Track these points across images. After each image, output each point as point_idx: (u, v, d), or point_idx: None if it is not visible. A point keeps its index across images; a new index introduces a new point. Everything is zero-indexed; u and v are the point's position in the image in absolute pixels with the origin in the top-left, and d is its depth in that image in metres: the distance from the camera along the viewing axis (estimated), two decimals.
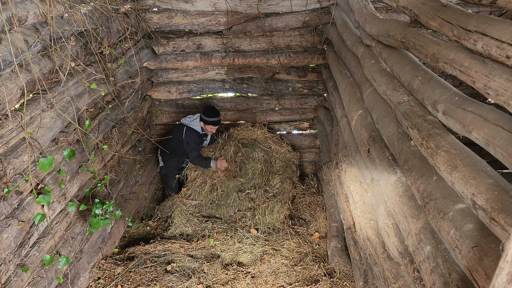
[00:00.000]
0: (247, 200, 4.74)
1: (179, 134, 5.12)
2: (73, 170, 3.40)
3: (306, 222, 4.68)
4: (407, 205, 2.21)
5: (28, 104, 2.80)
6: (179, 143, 5.12)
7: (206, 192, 4.87)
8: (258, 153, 5.08)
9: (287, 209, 4.70)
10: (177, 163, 5.26)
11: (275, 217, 4.56)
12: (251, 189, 4.81)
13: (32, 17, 2.83)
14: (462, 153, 1.72)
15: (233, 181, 4.89)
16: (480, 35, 1.59)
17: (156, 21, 4.99)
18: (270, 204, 4.63)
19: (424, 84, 2.17)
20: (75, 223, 3.51)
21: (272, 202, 4.66)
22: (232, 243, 4.29)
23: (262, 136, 5.32)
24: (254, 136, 5.32)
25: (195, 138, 5.11)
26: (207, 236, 4.43)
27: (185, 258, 4.05)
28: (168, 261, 4.02)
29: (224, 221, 4.65)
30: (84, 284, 3.60)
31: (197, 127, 5.14)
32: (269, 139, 5.33)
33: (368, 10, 3.26)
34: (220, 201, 4.82)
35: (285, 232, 4.43)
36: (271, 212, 4.57)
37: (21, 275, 2.75)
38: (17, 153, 2.65)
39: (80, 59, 3.39)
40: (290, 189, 4.92)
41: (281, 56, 5.27)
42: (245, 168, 4.99)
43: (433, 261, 1.84)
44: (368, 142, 2.92)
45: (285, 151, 5.30)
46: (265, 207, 4.59)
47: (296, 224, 4.65)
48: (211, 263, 3.98)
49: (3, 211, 2.56)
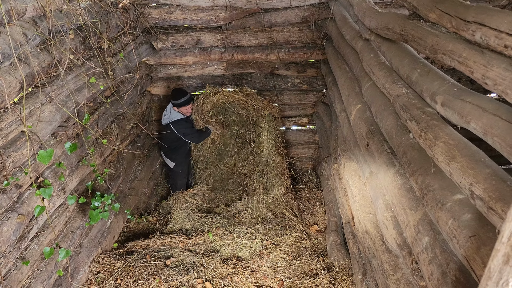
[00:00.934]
0: (241, 185, 4.91)
1: (171, 134, 5.07)
2: (73, 164, 3.41)
3: (305, 217, 4.69)
4: (405, 197, 2.22)
5: (27, 97, 2.80)
6: (177, 140, 5.12)
7: (209, 146, 5.29)
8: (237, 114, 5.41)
9: (286, 183, 4.85)
10: (186, 154, 5.32)
11: (277, 192, 4.70)
12: (241, 163, 5.15)
13: (31, 10, 2.83)
14: (461, 143, 1.73)
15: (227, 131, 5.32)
16: (478, 25, 1.60)
17: (155, 16, 4.99)
18: (267, 182, 4.82)
19: (422, 76, 2.18)
20: (75, 217, 3.52)
21: (268, 180, 4.84)
22: (231, 237, 4.29)
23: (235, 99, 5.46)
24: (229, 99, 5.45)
25: (185, 124, 5.06)
26: (207, 231, 4.43)
27: (184, 253, 4.06)
28: (168, 255, 4.03)
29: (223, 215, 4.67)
30: (84, 278, 3.61)
31: (178, 115, 5.05)
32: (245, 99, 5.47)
33: (367, 4, 3.26)
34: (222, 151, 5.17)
35: (288, 218, 4.48)
36: (271, 187, 4.66)
37: (20, 268, 2.75)
38: (16, 146, 2.65)
39: (79, 53, 3.39)
40: (281, 161, 5.09)
41: (280, 51, 5.27)
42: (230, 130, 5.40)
43: (431, 251, 1.85)
44: (367, 135, 2.93)
45: (265, 106, 5.41)
46: (263, 187, 4.72)
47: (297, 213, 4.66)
48: (210, 257, 3.99)
49: (2, 204, 2.56)
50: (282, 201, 4.64)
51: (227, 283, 3.65)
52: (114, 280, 3.62)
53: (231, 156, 5.34)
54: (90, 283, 3.60)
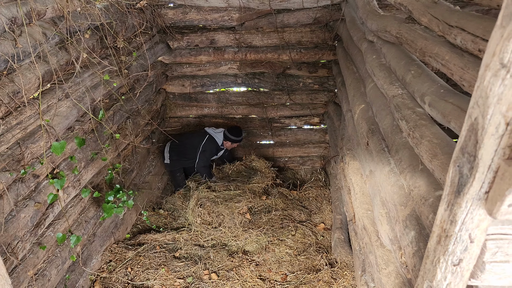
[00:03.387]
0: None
1: (199, 140, 5.38)
2: (88, 157, 3.59)
3: (312, 214, 4.78)
4: (397, 193, 2.30)
5: (45, 93, 2.99)
6: (194, 148, 5.38)
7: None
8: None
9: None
10: (182, 165, 5.54)
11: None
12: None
13: (51, 11, 3.01)
14: (443, 142, 1.81)
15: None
16: (459, 30, 1.68)
17: (171, 16, 5.15)
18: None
19: (415, 77, 2.26)
20: (89, 208, 3.70)
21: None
22: (239, 233, 4.42)
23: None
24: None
25: (212, 149, 5.42)
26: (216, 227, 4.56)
27: (192, 246, 4.21)
28: (177, 248, 4.19)
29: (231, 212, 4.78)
30: (96, 266, 3.79)
31: (219, 140, 5.43)
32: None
33: (371, 7, 3.34)
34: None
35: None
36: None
37: (37, 253, 2.94)
38: (35, 138, 2.84)
39: (95, 52, 3.57)
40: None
41: (292, 52, 5.37)
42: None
43: (415, 245, 1.94)
44: (367, 134, 3.01)
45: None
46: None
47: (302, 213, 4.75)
48: (217, 251, 4.13)
49: (21, 192, 2.75)
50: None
51: (233, 275, 3.79)
52: (124, 269, 3.80)
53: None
54: (102, 270, 3.78)
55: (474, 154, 0.86)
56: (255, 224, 4.56)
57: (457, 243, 0.95)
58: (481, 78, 0.81)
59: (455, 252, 0.96)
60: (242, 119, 5.97)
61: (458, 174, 0.94)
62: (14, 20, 2.55)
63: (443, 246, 0.96)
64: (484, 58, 0.80)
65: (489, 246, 1.01)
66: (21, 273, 2.72)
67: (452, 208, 0.95)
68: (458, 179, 0.94)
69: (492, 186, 0.87)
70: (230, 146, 5.52)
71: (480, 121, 0.82)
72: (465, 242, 0.94)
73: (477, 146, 0.85)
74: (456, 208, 0.94)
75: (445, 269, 1.00)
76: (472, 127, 0.86)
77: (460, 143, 0.92)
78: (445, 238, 0.97)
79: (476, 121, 0.84)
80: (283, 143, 6.07)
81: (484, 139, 0.82)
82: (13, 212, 2.65)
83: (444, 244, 0.97)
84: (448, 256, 0.97)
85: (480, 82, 0.83)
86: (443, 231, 0.96)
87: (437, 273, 1.02)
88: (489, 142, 0.81)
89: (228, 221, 4.57)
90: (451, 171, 0.99)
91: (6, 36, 2.49)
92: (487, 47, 0.78)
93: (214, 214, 4.64)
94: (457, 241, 0.95)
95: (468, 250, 0.95)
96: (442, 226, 0.96)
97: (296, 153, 6.05)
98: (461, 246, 0.95)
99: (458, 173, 0.94)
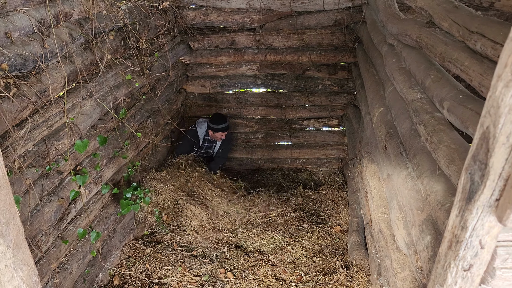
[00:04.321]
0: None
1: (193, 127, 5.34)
2: (109, 155, 3.68)
3: (329, 216, 4.78)
4: (414, 198, 2.30)
5: (70, 92, 3.09)
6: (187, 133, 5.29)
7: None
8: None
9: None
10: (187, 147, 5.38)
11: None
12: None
13: (77, 13, 3.11)
14: (461, 148, 1.81)
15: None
16: (479, 36, 1.68)
17: (193, 17, 5.23)
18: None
19: (435, 82, 2.25)
20: (109, 204, 3.80)
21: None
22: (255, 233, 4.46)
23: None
24: None
25: (191, 136, 5.23)
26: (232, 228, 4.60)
27: (209, 246, 4.26)
28: (193, 247, 4.25)
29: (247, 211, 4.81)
30: (116, 261, 3.89)
31: (201, 130, 5.31)
32: None
33: (392, 10, 3.33)
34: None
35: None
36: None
37: (59, 247, 3.04)
38: (59, 136, 2.94)
39: (119, 52, 3.66)
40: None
41: (312, 53, 5.38)
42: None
43: (431, 250, 1.94)
44: (386, 138, 3.01)
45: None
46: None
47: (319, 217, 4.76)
48: (234, 250, 4.18)
49: (45, 188, 2.85)
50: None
51: (248, 274, 3.83)
52: (143, 265, 3.89)
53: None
54: (121, 266, 3.88)
55: (485, 162, 0.88)
56: (272, 225, 4.59)
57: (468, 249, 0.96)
58: (493, 88, 0.83)
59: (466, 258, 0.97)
60: (260, 119, 6.01)
61: (469, 181, 0.95)
62: (42, 21, 2.64)
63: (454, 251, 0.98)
64: (497, 69, 0.81)
65: (500, 253, 1.02)
66: (44, 266, 2.82)
67: (463, 214, 0.97)
68: (470, 186, 0.95)
69: (502, 194, 0.88)
70: (213, 136, 5.29)
71: (491, 130, 0.84)
72: (476, 248, 0.96)
73: (488, 154, 0.86)
74: (467, 214, 0.95)
75: (456, 274, 1.01)
76: (484, 135, 0.87)
77: (472, 150, 0.93)
78: (456, 244, 0.98)
79: (488, 130, 0.85)
80: (301, 144, 6.08)
81: (495, 148, 0.84)
82: (38, 206, 2.75)
83: (455, 249, 0.98)
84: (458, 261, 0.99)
85: (492, 92, 0.84)
86: (454, 237, 0.97)
87: (447, 278, 1.04)
88: (500, 151, 0.83)
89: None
90: (463, 177, 1.00)
91: (35, 37, 2.59)
92: (500, 58, 0.79)
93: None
94: (467, 247, 0.96)
95: (478, 255, 0.97)
96: (453, 231, 0.97)
97: (314, 155, 6.05)
98: (471, 252, 0.96)
99: (470, 180, 0.95)
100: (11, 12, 2.42)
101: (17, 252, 1.42)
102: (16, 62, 2.38)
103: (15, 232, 1.39)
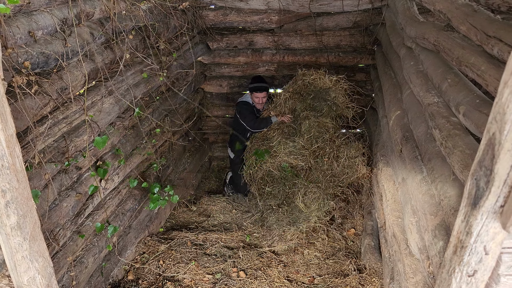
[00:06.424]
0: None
1: (234, 116, 5.25)
2: (127, 152, 3.75)
3: (344, 219, 4.76)
4: (428, 202, 2.28)
5: (90, 90, 3.16)
6: (237, 121, 5.20)
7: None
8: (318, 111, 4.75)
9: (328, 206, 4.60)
10: (240, 141, 5.25)
11: (313, 213, 4.55)
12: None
13: (98, 12, 3.18)
14: (476, 153, 1.79)
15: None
16: (497, 40, 1.66)
17: (212, 18, 5.28)
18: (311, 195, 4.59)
19: (452, 86, 2.23)
20: (126, 201, 3.87)
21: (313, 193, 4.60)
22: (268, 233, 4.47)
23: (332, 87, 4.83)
24: (323, 86, 4.87)
25: (247, 107, 5.11)
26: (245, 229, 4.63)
27: (223, 245, 4.30)
28: (207, 246, 4.29)
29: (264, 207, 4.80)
30: (131, 257, 3.95)
31: (247, 99, 5.19)
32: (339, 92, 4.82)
33: (411, 12, 3.30)
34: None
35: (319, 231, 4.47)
36: (308, 206, 4.61)
37: (76, 241, 3.11)
38: (79, 132, 3.01)
39: (138, 51, 3.73)
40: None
41: (330, 55, 5.37)
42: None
43: (443, 255, 1.92)
44: (401, 141, 2.99)
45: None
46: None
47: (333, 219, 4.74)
48: (247, 250, 4.20)
49: (64, 183, 2.92)
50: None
51: (260, 274, 3.84)
52: (157, 261, 3.94)
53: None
54: (136, 261, 3.94)
55: (490, 168, 0.87)
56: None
57: (472, 254, 0.96)
58: (500, 95, 0.82)
59: (470, 263, 0.97)
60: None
61: (475, 187, 0.95)
62: (65, 21, 2.71)
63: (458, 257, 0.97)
64: (503, 76, 0.81)
65: (505, 259, 1.01)
66: (61, 259, 2.89)
67: (469, 220, 0.96)
68: (475, 192, 0.95)
69: (507, 201, 0.88)
70: (258, 100, 5.10)
71: (497, 136, 0.83)
72: (480, 253, 0.95)
73: (493, 160, 0.86)
74: (472, 220, 0.95)
75: (460, 279, 1.01)
76: (490, 141, 0.87)
77: (478, 156, 0.93)
78: (460, 249, 0.98)
79: (494, 136, 0.85)
80: None
81: (500, 154, 0.83)
82: (56, 201, 2.82)
83: (459, 254, 0.98)
84: (463, 266, 0.98)
85: (498, 98, 0.84)
86: (459, 242, 0.97)
87: (452, 283, 1.03)
88: (505, 158, 0.82)
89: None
90: (469, 183, 0.99)
91: (57, 36, 2.66)
92: (506, 65, 0.79)
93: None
94: (472, 252, 0.96)
95: (483, 261, 0.96)
96: (459, 236, 0.97)
97: None
98: (476, 258, 0.96)
99: (475, 186, 0.95)
100: (34, 12, 2.49)
101: (33, 244, 1.47)
102: (38, 60, 2.45)
103: (31, 225, 1.44)
